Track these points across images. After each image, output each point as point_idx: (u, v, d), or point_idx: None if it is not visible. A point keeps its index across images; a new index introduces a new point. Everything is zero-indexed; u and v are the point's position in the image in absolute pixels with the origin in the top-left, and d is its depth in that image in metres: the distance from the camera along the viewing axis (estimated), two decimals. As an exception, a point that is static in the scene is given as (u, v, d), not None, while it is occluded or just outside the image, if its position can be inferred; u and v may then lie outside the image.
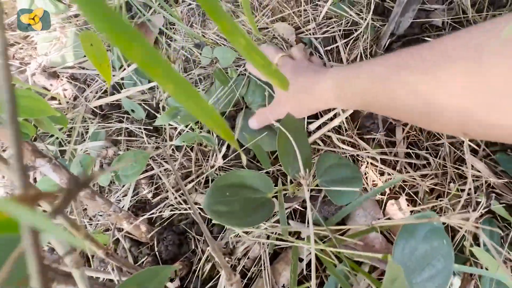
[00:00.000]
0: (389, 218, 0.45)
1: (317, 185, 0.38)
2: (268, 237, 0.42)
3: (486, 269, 0.37)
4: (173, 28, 0.64)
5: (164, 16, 0.62)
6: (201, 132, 0.51)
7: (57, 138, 0.58)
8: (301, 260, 0.41)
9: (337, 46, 0.58)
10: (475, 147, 0.46)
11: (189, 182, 0.52)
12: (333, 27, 0.59)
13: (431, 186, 0.45)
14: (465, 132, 0.24)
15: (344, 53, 0.57)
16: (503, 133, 0.23)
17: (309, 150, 0.37)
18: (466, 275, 0.39)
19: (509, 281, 0.35)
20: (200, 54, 0.58)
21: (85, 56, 0.66)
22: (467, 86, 0.22)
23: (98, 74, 0.65)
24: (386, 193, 0.47)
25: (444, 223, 0.43)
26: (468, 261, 0.40)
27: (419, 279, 0.28)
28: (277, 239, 0.42)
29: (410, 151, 0.48)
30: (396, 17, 0.51)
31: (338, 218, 0.38)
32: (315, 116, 0.52)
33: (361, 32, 0.57)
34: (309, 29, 0.60)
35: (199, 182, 0.52)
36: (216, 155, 0.52)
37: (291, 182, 0.42)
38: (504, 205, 0.42)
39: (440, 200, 0.44)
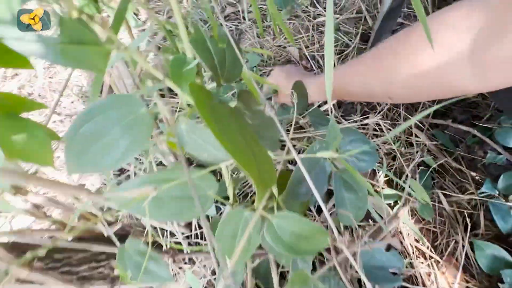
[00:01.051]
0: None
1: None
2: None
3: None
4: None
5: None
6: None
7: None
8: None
9: (333, 60, 0.82)
10: (422, 126, 0.66)
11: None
12: (331, 47, 0.83)
13: (389, 151, 0.64)
14: (390, 96, 0.45)
15: (337, 64, 0.80)
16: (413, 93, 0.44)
17: (307, 99, 0.57)
18: (404, 202, 0.56)
19: (428, 201, 0.52)
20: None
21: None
22: (383, 78, 0.43)
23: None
24: (358, 154, 0.66)
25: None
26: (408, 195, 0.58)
27: (349, 147, 0.45)
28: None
29: (377, 127, 0.68)
30: (371, 40, 0.74)
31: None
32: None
33: (350, 51, 0.80)
34: (314, 48, 0.85)
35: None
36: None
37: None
38: (437, 162, 0.60)
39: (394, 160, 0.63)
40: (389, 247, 0.47)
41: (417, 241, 0.55)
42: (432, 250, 0.53)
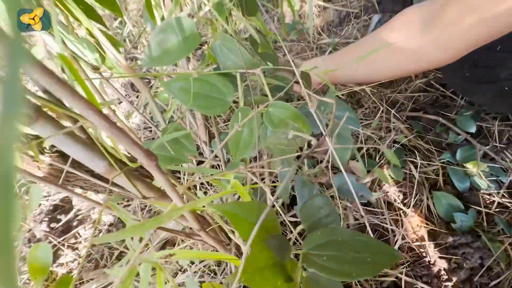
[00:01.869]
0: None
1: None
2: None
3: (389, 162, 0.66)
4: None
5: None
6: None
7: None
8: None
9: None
10: (400, 118, 0.80)
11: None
12: (330, 61, 1.02)
13: (371, 134, 0.78)
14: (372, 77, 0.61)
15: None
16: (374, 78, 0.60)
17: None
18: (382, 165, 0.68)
19: (398, 164, 0.64)
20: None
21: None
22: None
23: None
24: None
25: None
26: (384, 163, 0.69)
27: (339, 113, 0.58)
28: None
29: (362, 113, 0.82)
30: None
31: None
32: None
33: (345, 64, 0.98)
34: (316, 62, 1.03)
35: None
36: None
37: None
38: (409, 141, 0.73)
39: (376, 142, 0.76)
40: (358, 179, 0.58)
41: (389, 198, 0.65)
42: (401, 205, 0.63)
